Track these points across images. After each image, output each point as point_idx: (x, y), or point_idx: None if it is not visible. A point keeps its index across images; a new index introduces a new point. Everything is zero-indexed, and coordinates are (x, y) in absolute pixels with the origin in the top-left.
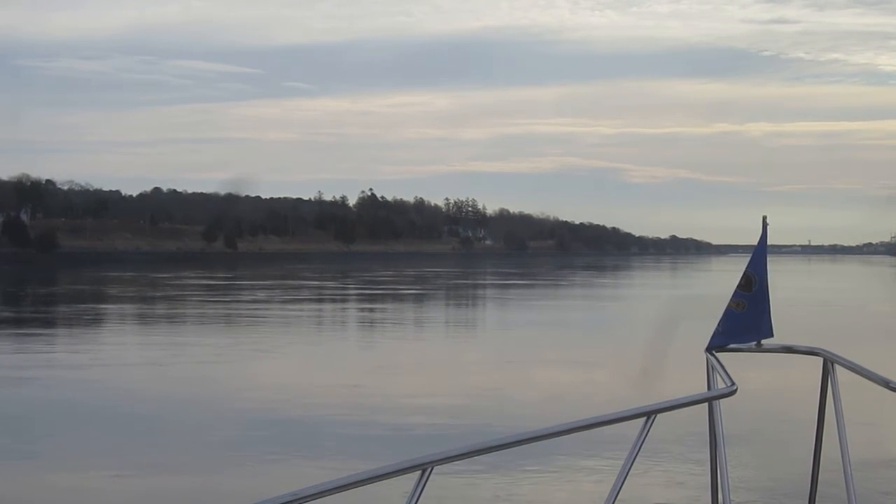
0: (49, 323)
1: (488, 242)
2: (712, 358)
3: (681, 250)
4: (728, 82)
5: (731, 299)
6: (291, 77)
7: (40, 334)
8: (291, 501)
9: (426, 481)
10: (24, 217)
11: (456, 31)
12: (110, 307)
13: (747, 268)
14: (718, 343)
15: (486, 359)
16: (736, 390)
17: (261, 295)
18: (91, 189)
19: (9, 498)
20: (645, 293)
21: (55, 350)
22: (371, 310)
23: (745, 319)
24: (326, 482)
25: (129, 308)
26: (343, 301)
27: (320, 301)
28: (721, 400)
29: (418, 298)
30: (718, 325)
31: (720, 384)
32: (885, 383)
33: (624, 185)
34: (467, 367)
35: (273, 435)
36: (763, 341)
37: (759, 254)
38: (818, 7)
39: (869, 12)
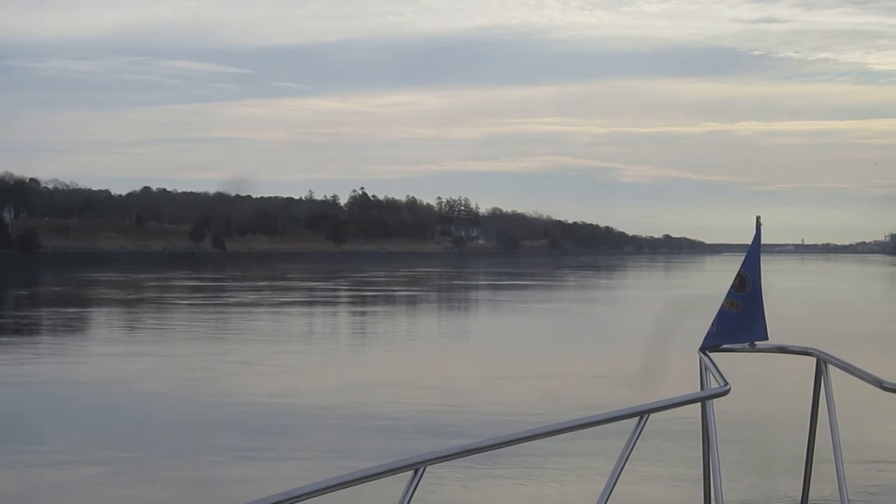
0: (9, 330)
1: (481, 242)
2: (705, 358)
3: (674, 249)
4: (718, 81)
5: (724, 299)
6: (282, 77)
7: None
8: (283, 501)
9: (419, 481)
10: (7, 216)
11: (447, 31)
12: (79, 311)
13: (741, 268)
14: (712, 343)
15: (484, 372)
16: (729, 390)
17: (246, 299)
18: (75, 188)
19: None
20: (647, 294)
21: (12, 363)
22: (363, 313)
23: (739, 320)
24: (318, 482)
25: (97, 313)
26: (333, 304)
27: (310, 304)
28: (714, 400)
29: (412, 301)
30: (712, 325)
31: (713, 384)
32: (878, 383)
33: (615, 184)
34: (464, 381)
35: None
36: (756, 341)
37: (753, 254)
38: (807, 6)
39: (858, 11)
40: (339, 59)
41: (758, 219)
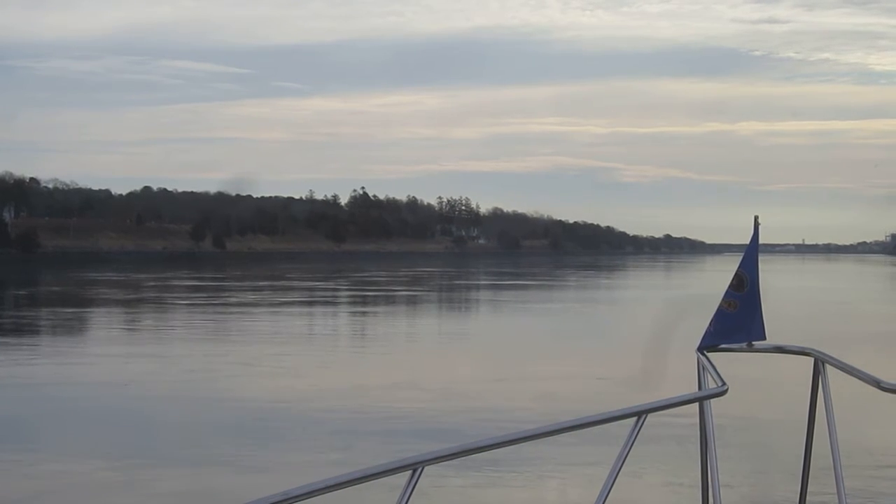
0: (6, 331)
1: (482, 242)
2: (703, 358)
3: (675, 249)
4: (719, 82)
5: (722, 299)
6: (282, 77)
7: None
8: (282, 501)
9: (416, 481)
10: (7, 216)
11: (447, 31)
12: (76, 312)
13: (739, 268)
14: (710, 343)
15: (487, 374)
16: (727, 390)
17: (246, 299)
18: (75, 187)
19: None
20: (649, 294)
21: (8, 363)
22: (363, 314)
23: (737, 320)
24: (316, 482)
25: (95, 313)
26: (334, 304)
27: (310, 304)
28: (712, 400)
29: (414, 301)
30: (710, 324)
31: (711, 384)
32: (876, 383)
33: (616, 184)
34: (467, 384)
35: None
36: (754, 341)
37: (751, 254)
38: (808, 7)
39: (858, 12)
40: (340, 59)
41: (756, 218)
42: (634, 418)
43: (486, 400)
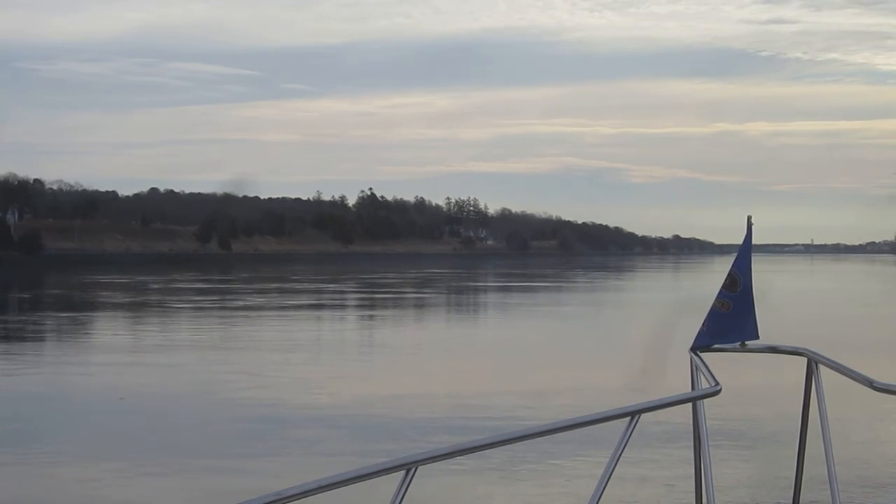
0: None
1: (490, 242)
2: (696, 358)
3: (684, 250)
4: (726, 82)
5: (715, 299)
6: (290, 78)
7: None
8: (275, 501)
9: (410, 481)
10: (11, 218)
11: (455, 32)
12: (74, 316)
13: (732, 268)
14: (703, 343)
15: (503, 386)
16: (720, 390)
17: (252, 302)
18: (80, 189)
19: None
20: (664, 296)
21: None
22: (371, 317)
23: (730, 320)
24: (310, 482)
25: (94, 317)
26: (342, 308)
27: (317, 307)
28: (705, 400)
29: (425, 304)
30: (703, 325)
31: (704, 384)
32: (869, 383)
33: (624, 185)
34: (479, 397)
35: None
36: (747, 341)
37: (744, 254)
38: (815, 7)
39: (866, 12)
40: (348, 60)
41: (749, 219)
42: (628, 418)
43: (502, 412)
